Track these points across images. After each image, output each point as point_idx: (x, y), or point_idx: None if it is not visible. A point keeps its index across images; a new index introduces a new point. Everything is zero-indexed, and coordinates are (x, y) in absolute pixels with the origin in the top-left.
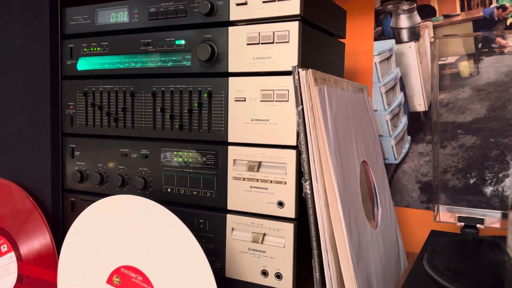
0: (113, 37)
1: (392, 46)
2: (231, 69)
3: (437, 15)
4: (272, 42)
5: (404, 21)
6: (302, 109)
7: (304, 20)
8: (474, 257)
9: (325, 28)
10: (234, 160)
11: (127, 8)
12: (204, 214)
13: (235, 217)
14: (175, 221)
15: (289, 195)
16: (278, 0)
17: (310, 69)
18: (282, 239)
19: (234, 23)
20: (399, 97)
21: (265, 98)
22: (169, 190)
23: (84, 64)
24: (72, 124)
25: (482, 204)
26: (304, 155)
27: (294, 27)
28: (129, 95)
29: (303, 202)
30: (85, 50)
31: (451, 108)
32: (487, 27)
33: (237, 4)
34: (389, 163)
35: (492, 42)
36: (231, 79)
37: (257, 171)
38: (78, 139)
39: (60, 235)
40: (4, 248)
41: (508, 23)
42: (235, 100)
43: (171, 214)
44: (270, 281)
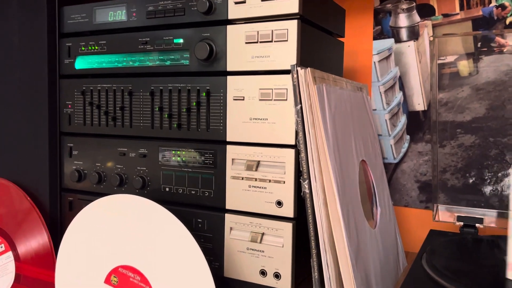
0: (111, 36)
1: (391, 45)
2: (229, 68)
3: (436, 14)
4: (271, 41)
5: (403, 20)
6: (301, 108)
7: (303, 18)
8: (473, 257)
9: (324, 26)
10: (232, 159)
11: (125, 7)
12: (203, 213)
13: (234, 217)
14: (173, 220)
15: (287, 194)
16: None
17: (309, 68)
18: (281, 238)
19: (232, 22)
20: (398, 96)
21: (263, 97)
22: (168, 189)
23: (82, 63)
24: (70, 123)
25: (481, 204)
26: (302, 154)
27: (293, 25)
28: (127, 94)
29: (301, 201)
30: (83, 49)
31: (450, 108)
32: (487, 26)
33: (236, 3)
34: (388, 163)
35: (491, 41)
36: (229, 78)
37: (256, 170)
38: (76, 138)
39: (58, 234)
40: (2, 247)
41: (507, 22)
42: (234, 99)
43: (170, 213)
44: (269, 280)
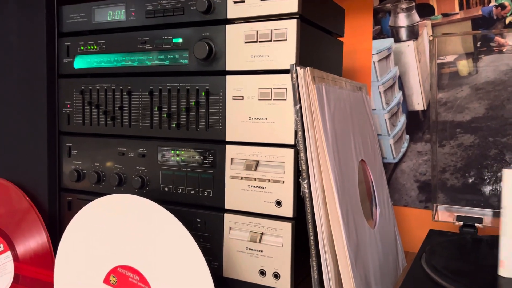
0: (110, 35)
1: (391, 45)
2: (228, 68)
3: (436, 13)
4: (270, 40)
5: (402, 20)
6: (300, 107)
7: (302, 18)
8: (473, 257)
9: (323, 26)
10: (231, 159)
11: (124, 6)
12: (202, 213)
13: (233, 217)
14: (172, 220)
15: (287, 194)
16: None
17: (308, 68)
18: (280, 238)
19: (231, 21)
20: (397, 96)
21: (263, 96)
22: (167, 189)
23: (81, 63)
24: (68, 122)
25: (481, 204)
26: (302, 154)
27: (292, 25)
28: (126, 93)
29: (301, 201)
30: (82, 48)
31: (449, 107)
32: (486, 25)
33: (235, 2)
34: (387, 162)
35: (491, 41)
36: (228, 78)
37: (255, 170)
38: (75, 138)
39: (56, 234)
40: (0, 247)
41: (507, 22)
42: (233, 99)
43: (169, 213)
44: (268, 280)
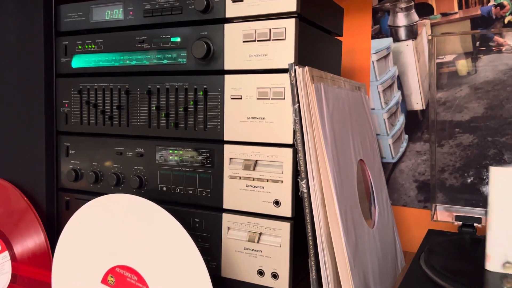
0: (108, 35)
1: (390, 44)
2: (227, 67)
3: (435, 13)
4: (269, 40)
5: (401, 19)
6: (299, 107)
7: (301, 17)
8: (472, 257)
9: (322, 25)
10: (230, 158)
11: (122, 5)
12: (200, 213)
13: (231, 216)
14: (170, 220)
15: (285, 194)
16: None
17: (307, 67)
18: (279, 238)
19: (230, 20)
20: (396, 95)
21: (261, 96)
22: (165, 189)
23: (78, 62)
24: (66, 122)
25: (480, 203)
26: (300, 154)
27: (290, 24)
28: (124, 93)
29: (299, 201)
30: (79, 47)
31: (448, 107)
32: (485, 25)
33: (233, 1)
34: (386, 162)
35: (489, 40)
36: (227, 77)
37: (253, 169)
38: (73, 138)
39: (54, 234)
40: None
41: (506, 21)
42: (231, 98)
43: (167, 213)
44: (266, 280)
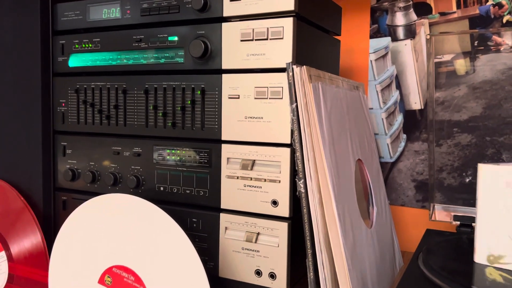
0: (105, 33)
1: (388, 43)
2: (224, 66)
3: (433, 12)
4: (266, 39)
5: (400, 19)
6: (297, 106)
7: (299, 16)
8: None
9: (320, 24)
10: (227, 158)
11: (119, 4)
12: (197, 213)
13: (229, 216)
14: (167, 220)
15: (283, 193)
16: None
17: (305, 66)
18: (276, 238)
19: (227, 19)
20: (394, 95)
21: (259, 95)
22: (162, 188)
23: (75, 61)
24: (63, 121)
25: None
26: (298, 153)
27: (288, 23)
28: (121, 92)
29: (297, 201)
30: (76, 46)
31: (447, 106)
32: (483, 24)
33: (231, 0)
34: (384, 162)
35: (488, 40)
36: (224, 76)
37: (251, 169)
38: (70, 137)
39: (51, 234)
40: None
41: (504, 21)
42: (229, 98)
43: (164, 213)
44: (264, 281)
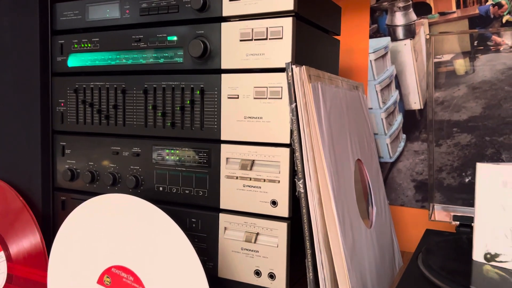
0: (104, 33)
1: (388, 43)
2: (224, 66)
3: (433, 12)
4: (266, 39)
5: (399, 19)
6: (296, 106)
7: (298, 16)
8: (469, 257)
9: (319, 24)
10: (227, 158)
11: (118, 4)
12: (197, 213)
13: (228, 216)
14: (167, 220)
15: (282, 194)
16: None
17: (304, 66)
18: (276, 238)
19: (227, 19)
20: (394, 95)
21: (258, 95)
22: (161, 188)
23: (74, 61)
24: (62, 121)
25: None
26: (297, 154)
27: (287, 23)
28: (120, 92)
29: (296, 201)
30: (75, 46)
31: (446, 106)
32: (483, 24)
33: (230, 0)
34: (384, 162)
35: (487, 39)
36: (224, 76)
37: (250, 169)
38: (69, 137)
39: (50, 234)
40: None
41: (504, 21)
42: (228, 97)
43: (163, 213)
44: (263, 281)
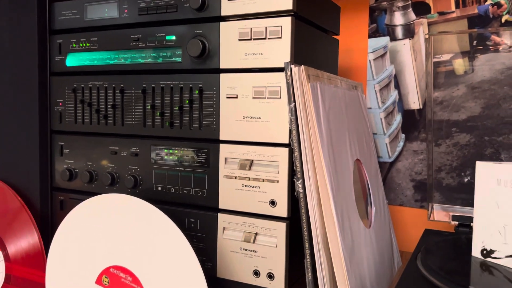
0: (103, 33)
1: (387, 43)
2: (222, 65)
3: (432, 12)
4: (264, 38)
5: (398, 18)
6: (295, 106)
7: (297, 15)
8: (468, 257)
9: (318, 24)
10: (225, 158)
11: (117, 3)
12: (195, 213)
13: (227, 216)
14: (165, 220)
15: (281, 194)
16: None
17: (303, 66)
18: (274, 238)
19: (225, 19)
20: (393, 94)
21: (257, 95)
22: (160, 188)
23: (73, 60)
24: (61, 121)
25: None
26: (296, 153)
27: (286, 22)
28: (118, 91)
29: (295, 201)
30: (74, 45)
31: (445, 106)
32: (482, 24)
33: None
34: (383, 162)
35: (487, 39)
36: (222, 76)
37: (249, 169)
38: (67, 137)
39: (48, 234)
40: None
41: (503, 20)
42: (227, 97)
43: (162, 213)
44: (262, 281)
